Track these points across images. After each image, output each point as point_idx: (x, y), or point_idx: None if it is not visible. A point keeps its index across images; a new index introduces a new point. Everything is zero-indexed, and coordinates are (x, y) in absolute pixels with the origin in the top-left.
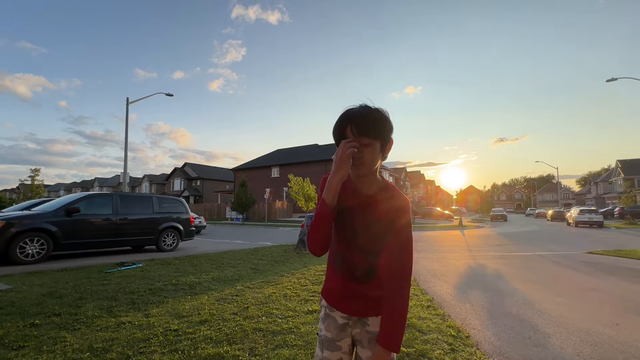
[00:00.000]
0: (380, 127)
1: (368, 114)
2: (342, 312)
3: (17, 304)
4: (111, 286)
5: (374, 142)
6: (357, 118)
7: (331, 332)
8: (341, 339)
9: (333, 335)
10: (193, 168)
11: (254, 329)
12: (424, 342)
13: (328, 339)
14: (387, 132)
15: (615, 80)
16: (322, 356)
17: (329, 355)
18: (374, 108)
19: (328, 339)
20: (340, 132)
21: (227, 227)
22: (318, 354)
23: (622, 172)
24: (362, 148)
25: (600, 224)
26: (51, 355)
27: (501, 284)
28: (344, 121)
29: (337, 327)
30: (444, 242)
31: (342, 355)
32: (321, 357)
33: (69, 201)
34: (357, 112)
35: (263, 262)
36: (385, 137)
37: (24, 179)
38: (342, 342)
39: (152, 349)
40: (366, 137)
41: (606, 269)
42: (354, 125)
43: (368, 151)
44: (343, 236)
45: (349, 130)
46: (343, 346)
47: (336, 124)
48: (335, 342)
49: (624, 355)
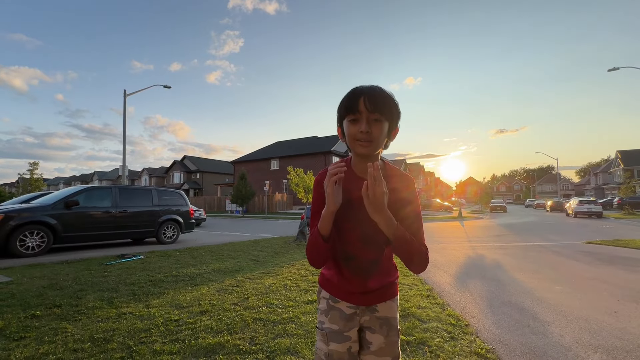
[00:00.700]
0: (392, 107)
1: (381, 91)
2: (348, 302)
3: (17, 295)
4: (112, 278)
5: (384, 120)
6: (371, 92)
7: (337, 323)
8: (350, 329)
9: (340, 327)
10: (192, 161)
11: (254, 318)
12: (423, 330)
13: (334, 331)
14: (396, 115)
15: (617, 69)
16: (327, 350)
17: (336, 347)
18: (386, 89)
19: (334, 331)
20: (350, 104)
21: (227, 220)
22: (322, 348)
23: (622, 162)
24: (372, 124)
25: (599, 214)
26: (52, 346)
27: (500, 274)
28: (356, 94)
29: (344, 318)
30: (443, 233)
31: (351, 344)
32: (327, 351)
33: (68, 194)
34: (370, 88)
35: (263, 253)
36: (394, 118)
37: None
38: (351, 332)
39: (153, 338)
40: (378, 113)
41: (605, 258)
42: (367, 98)
43: (377, 127)
44: (346, 230)
45: (361, 102)
46: (352, 336)
47: (346, 97)
48: (343, 333)
49: (622, 342)
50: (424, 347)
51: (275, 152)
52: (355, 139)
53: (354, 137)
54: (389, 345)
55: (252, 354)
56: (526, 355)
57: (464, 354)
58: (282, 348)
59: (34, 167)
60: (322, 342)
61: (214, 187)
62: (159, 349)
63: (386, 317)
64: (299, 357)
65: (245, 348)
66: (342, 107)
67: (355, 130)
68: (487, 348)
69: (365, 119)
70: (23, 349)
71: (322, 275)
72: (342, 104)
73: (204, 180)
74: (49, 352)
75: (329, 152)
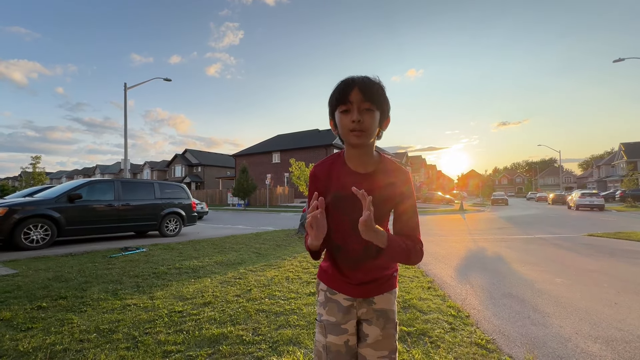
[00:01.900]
0: (383, 96)
1: (372, 81)
2: (345, 294)
3: (24, 287)
4: (116, 270)
5: (375, 109)
6: (361, 82)
7: (334, 315)
8: (347, 322)
9: (337, 319)
10: (194, 154)
11: (256, 310)
12: (424, 321)
13: (331, 323)
14: (387, 105)
15: (623, 60)
16: (325, 342)
17: (334, 339)
18: (375, 79)
19: (331, 323)
20: (341, 95)
21: (228, 213)
22: (320, 340)
23: (625, 155)
24: (363, 113)
25: (601, 207)
26: (59, 336)
27: (501, 266)
28: (346, 84)
29: (342, 310)
30: (444, 226)
31: (348, 337)
32: (325, 343)
33: (71, 187)
34: (360, 78)
35: (265, 246)
36: (385, 108)
37: (26, 166)
38: (348, 325)
39: (157, 329)
40: (369, 102)
41: (606, 250)
42: (360, 87)
43: (369, 116)
44: (341, 226)
45: (352, 92)
46: (349, 329)
47: (337, 88)
48: (340, 326)
49: (622, 333)
50: (424, 337)
51: (276, 145)
52: (348, 130)
53: (346, 127)
54: (386, 338)
55: (255, 344)
56: (526, 345)
57: (464, 344)
58: (284, 339)
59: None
60: (320, 334)
61: (216, 181)
62: (163, 340)
63: (383, 310)
64: (301, 348)
65: (249, 338)
66: (333, 99)
67: (348, 121)
68: (487, 339)
69: (357, 108)
70: (30, 339)
71: (321, 268)
72: (333, 96)
73: (205, 173)
74: (55, 342)
75: (330, 145)
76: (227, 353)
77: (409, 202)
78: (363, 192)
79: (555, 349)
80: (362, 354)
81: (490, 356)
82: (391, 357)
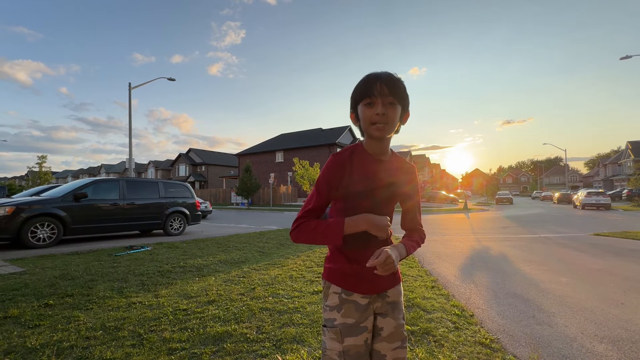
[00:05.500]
0: (404, 91)
1: (395, 77)
2: (362, 293)
3: (31, 285)
4: (121, 268)
5: (397, 104)
6: (385, 77)
7: (352, 316)
8: (366, 319)
9: (356, 319)
10: (197, 154)
11: (260, 308)
12: (428, 320)
13: (349, 325)
14: (407, 100)
15: (630, 57)
16: (342, 348)
17: (353, 341)
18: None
19: (349, 325)
20: (366, 88)
21: (232, 212)
22: (334, 347)
23: (632, 153)
24: (387, 107)
25: (608, 206)
26: (66, 334)
27: (505, 265)
28: (371, 79)
29: (360, 309)
30: (448, 225)
31: (367, 335)
32: (341, 349)
33: (77, 187)
34: (385, 73)
35: (269, 245)
36: (405, 103)
37: (32, 166)
38: (367, 322)
39: (162, 327)
40: (392, 96)
41: (612, 250)
42: (384, 83)
43: (392, 110)
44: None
45: (377, 86)
46: (368, 326)
47: (362, 82)
48: (359, 325)
49: (628, 333)
50: (428, 336)
51: (279, 145)
52: (371, 122)
53: (369, 120)
54: (398, 328)
55: (259, 342)
56: (530, 345)
57: (468, 343)
58: (288, 337)
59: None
60: (333, 341)
61: (219, 180)
62: (168, 337)
63: (395, 302)
64: (305, 346)
65: (252, 337)
66: (357, 92)
67: (371, 113)
68: (491, 338)
69: (381, 102)
70: (38, 336)
71: (330, 270)
72: (358, 89)
73: (209, 172)
74: (62, 339)
75: (333, 144)
76: (231, 351)
77: (416, 199)
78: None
79: (560, 349)
80: (376, 350)
81: (495, 355)
82: (403, 347)
